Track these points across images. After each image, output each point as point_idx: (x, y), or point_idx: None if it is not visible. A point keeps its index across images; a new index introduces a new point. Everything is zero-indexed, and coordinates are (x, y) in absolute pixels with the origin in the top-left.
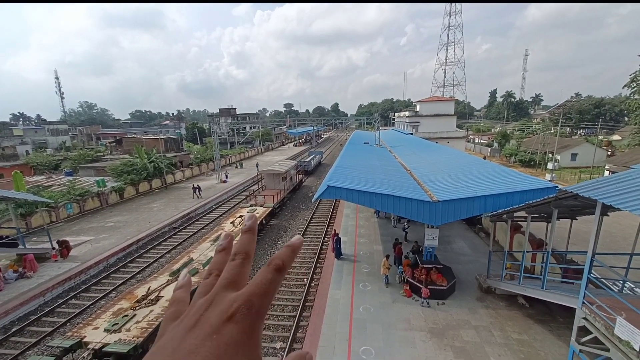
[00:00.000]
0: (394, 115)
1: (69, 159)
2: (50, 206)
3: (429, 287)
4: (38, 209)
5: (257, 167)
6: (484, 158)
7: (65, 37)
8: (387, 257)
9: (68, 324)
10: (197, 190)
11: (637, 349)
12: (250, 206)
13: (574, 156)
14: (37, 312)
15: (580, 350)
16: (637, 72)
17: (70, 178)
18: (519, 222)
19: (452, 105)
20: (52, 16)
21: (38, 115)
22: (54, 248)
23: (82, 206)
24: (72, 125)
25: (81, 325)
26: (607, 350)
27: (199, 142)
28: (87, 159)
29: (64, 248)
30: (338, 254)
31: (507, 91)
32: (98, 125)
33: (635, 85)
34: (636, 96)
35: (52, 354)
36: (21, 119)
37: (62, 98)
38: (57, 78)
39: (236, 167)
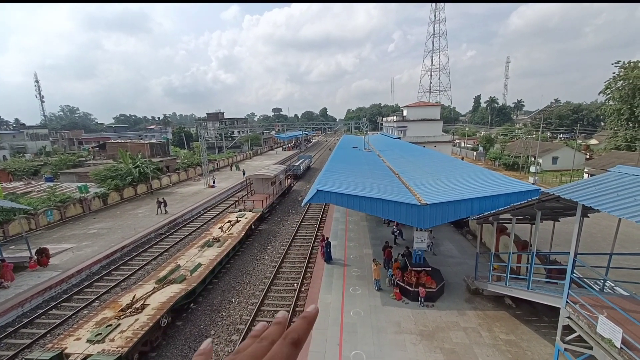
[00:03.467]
0: (382, 120)
1: (50, 164)
2: (29, 213)
3: (418, 289)
4: (16, 216)
5: (244, 173)
6: (462, 159)
7: (46, 40)
8: (374, 260)
9: (48, 335)
10: (162, 204)
11: (619, 347)
12: (239, 211)
13: (555, 159)
14: (15, 324)
15: (565, 349)
16: (611, 80)
17: (51, 184)
18: (505, 224)
19: (438, 110)
20: (32, 17)
21: (17, 120)
22: (31, 257)
23: (64, 213)
24: (53, 130)
25: (62, 336)
26: (591, 348)
27: (186, 146)
28: (68, 164)
29: (44, 256)
30: (328, 258)
31: (490, 97)
32: (80, 130)
33: (609, 92)
34: (611, 102)
35: None
36: None
37: (42, 102)
38: (36, 81)
39: (231, 169)
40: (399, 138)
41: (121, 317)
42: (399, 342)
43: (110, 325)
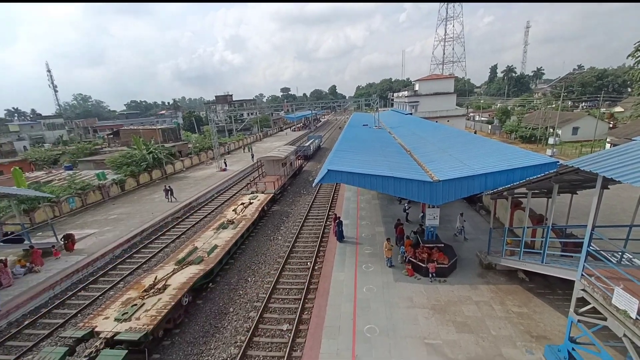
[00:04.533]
0: (393, 96)
1: (68, 153)
2: (53, 201)
3: (430, 264)
4: (40, 204)
5: (253, 158)
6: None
7: (54, 27)
8: (388, 239)
9: (79, 315)
10: (169, 192)
11: (634, 317)
12: (251, 193)
13: (575, 130)
14: (48, 305)
15: (579, 320)
16: None
17: (70, 172)
18: (520, 199)
19: (452, 83)
20: (37, 5)
21: (33, 110)
22: (52, 247)
23: (84, 200)
24: (68, 119)
25: (92, 315)
26: (605, 319)
27: (196, 130)
28: (85, 152)
29: (69, 242)
30: (340, 236)
31: (507, 66)
32: (94, 118)
33: (639, 54)
34: (639, 66)
35: (66, 345)
36: (16, 115)
37: (56, 91)
38: (49, 71)
39: (243, 151)
40: (411, 114)
41: (145, 297)
42: (411, 316)
43: (136, 304)
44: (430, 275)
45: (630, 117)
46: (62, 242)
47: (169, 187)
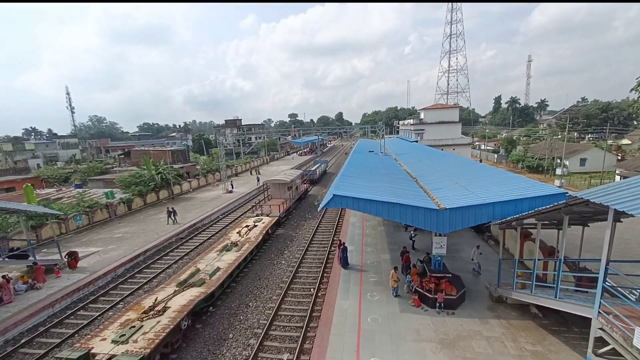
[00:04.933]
0: (399, 123)
1: (79, 171)
2: (60, 218)
3: (439, 294)
4: (48, 220)
5: (258, 181)
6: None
7: (76, 55)
8: (395, 268)
9: (76, 335)
10: (172, 214)
11: None
12: (256, 216)
13: (582, 161)
14: (46, 324)
15: None
16: None
17: (80, 190)
18: (529, 229)
19: (457, 112)
20: (61, 35)
21: (49, 130)
22: (55, 265)
23: (91, 217)
24: (82, 139)
25: (89, 336)
26: None
27: (205, 153)
28: (96, 171)
29: (73, 259)
30: (345, 263)
31: (511, 97)
32: (107, 139)
33: None
34: None
35: None
36: (33, 134)
37: (73, 112)
38: (67, 94)
39: (251, 173)
40: (416, 141)
41: (144, 319)
42: (418, 351)
43: (134, 326)
44: (437, 306)
45: (639, 150)
46: (66, 260)
47: (172, 208)
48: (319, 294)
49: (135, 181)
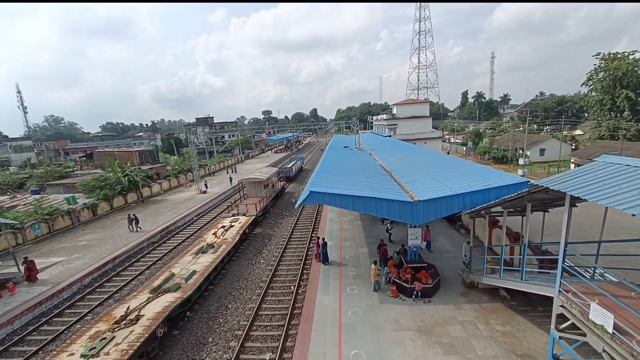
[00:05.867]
0: (372, 119)
1: (35, 176)
2: (16, 227)
3: (416, 283)
4: (2, 231)
5: (231, 181)
6: (448, 153)
7: (27, 49)
8: (375, 262)
9: (40, 352)
10: (133, 221)
11: (611, 332)
12: (232, 216)
13: (542, 151)
14: (5, 342)
15: (560, 337)
16: (592, 72)
17: (37, 197)
18: (496, 217)
19: (427, 107)
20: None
21: None
22: (10, 279)
23: (52, 226)
24: (38, 141)
25: (55, 352)
26: (584, 335)
27: (175, 153)
28: (55, 175)
29: (31, 272)
30: (325, 259)
31: (477, 92)
32: (66, 140)
33: (591, 83)
34: (593, 93)
35: None
36: None
37: (25, 113)
38: (19, 92)
39: (227, 172)
40: (390, 136)
41: (115, 329)
42: (398, 340)
43: (105, 338)
44: (414, 295)
45: (590, 140)
46: (23, 273)
47: (134, 215)
48: (300, 291)
49: (99, 185)
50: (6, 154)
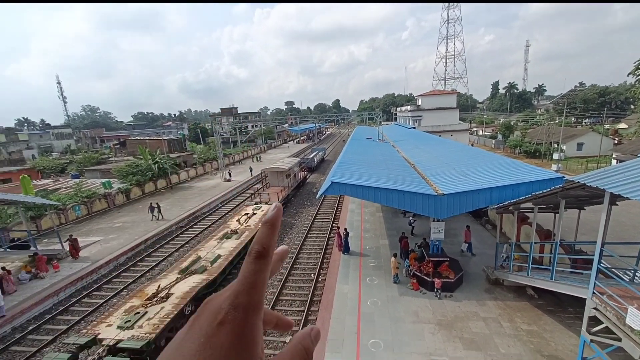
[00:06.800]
0: (396, 110)
1: (75, 162)
2: (59, 208)
3: (436, 279)
4: (47, 211)
5: (251, 171)
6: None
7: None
8: (395, 255)
9: (82, 321)
10: (155, 209)
11: None
12: (255, 204)
13: (580, 146)
14: (52, 311)
15: (592, 340)
16: None
17: (77, 181)
18: (526, 214)
19: (454, 98)
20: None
21: (42, 120)
22: (56, 256)
23: (90, 208)
24: (76, 129)
25: (95, 322)
26: (619, 340)
27: (201, 142)
28: (92, 161)
29: (74, 249)
30: (346, 249)
31: (509, 82)
32: (101, 128)
33: (639, 72)
34: None
35: (68, 351)
36: (26, 124)
37: (65, 102)
38: (58, 83)
39: (252, 160)
40: (414, 128)
41: (148, 305)
42: (417, 331)
43: (138, 313)
44: (435, 292)
45: (635, 134)
46: (67, 250)
47: (156, 203)
48: (319, 279)
49: (132, 171)
50: (49, 141)
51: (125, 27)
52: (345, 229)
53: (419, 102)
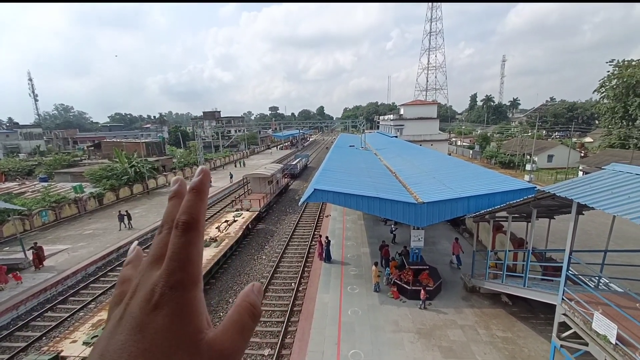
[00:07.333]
0: (379, 119)
1: (44, 164)
2: (24, 214)
3: (415, 287)
4: (10, 217)
5: (231, 177)
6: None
7: (39, 37)
8: (376, 264)
9: (44, 337)
10: (124, 218)
11: (614, 342)
12: (236, 210)
13: (550, 158)
14: (10, 327)
15: (562, 346)
16: (605, 78)
17: (45, 184)
18: (501, 222)
19: (435, 109)
20: (22, 15)
21: (10, 119)
22: (16, 267)
23: (59, 213)
24: (47, 129)
25: (58, 339)
26: (586, 344)
27: (182, 145)
28: (63, 164)
29: (37, 259)
30: (328, 257)
31: (486, 95)
32: (75, 129)
33: (604, 90)
34: (605, 101)
35: None
36: None
37: (36, 100)
38: (30, 79)
39: (235, 165)
40: (396, 137)
41: None
42: (397, 341)
43: None
44: (421, 304)
45: (599, 147)
46: (31, 258)
47: (125, 211)
48: (300, 288)
49: (106, 175)
50: (16, 141)
51: (105, 24)
52: (327, 237)
53: (401, 112)
